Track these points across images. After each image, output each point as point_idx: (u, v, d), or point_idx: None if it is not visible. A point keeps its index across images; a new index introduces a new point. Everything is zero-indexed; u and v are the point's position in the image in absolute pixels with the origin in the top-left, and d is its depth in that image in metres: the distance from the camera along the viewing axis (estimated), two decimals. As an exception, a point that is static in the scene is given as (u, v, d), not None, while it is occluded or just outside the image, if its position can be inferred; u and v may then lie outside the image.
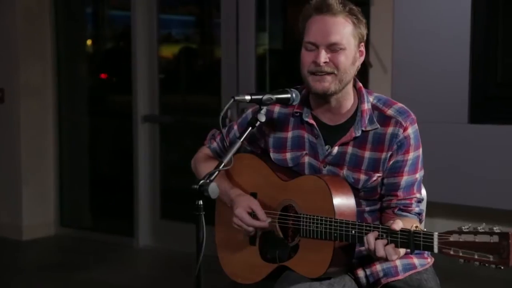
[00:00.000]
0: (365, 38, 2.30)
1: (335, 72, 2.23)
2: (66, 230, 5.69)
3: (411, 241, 2.02)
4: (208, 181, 2.08)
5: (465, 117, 3.86)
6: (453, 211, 3.92)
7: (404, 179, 2.29)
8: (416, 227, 2.03)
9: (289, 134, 2.39)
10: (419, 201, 2.34)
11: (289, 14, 5.15)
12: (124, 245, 5.32)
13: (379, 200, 2.35)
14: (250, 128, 2.25)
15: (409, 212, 2.30)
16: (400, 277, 2.34)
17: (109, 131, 5.80)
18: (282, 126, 2.39)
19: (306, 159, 2.36)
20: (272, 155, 2.43)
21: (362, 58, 2.31)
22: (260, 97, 2.23)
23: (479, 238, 1.91)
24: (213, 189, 2.06)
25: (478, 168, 3.82)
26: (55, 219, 5.73)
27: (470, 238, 1.92)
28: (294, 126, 2.39)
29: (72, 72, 5.70)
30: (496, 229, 1.89)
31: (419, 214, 2.33)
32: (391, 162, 2.28)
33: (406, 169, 2.29)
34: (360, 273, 2.36)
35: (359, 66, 2.33)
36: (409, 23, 3.89)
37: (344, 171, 2.31)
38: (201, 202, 2.10)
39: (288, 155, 2.39)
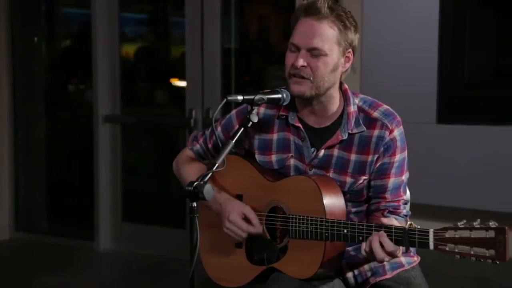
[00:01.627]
0: (354, 43, 2.28)
1: (311, 78, 2.23)
2: (21, 235, 5.56)
3: (406, 238, 2.05)
4: (202, 182, 2.06)
5: (433, 117, 3.93)
6: (421, 211, 3.96)
7: (391, 181, 2.32)
8: (411, 224, 2.06)
9: (275, 136, 2.39)
10: (406, 202, 2.37)
11: (246, 13, 5.15)
12: (84, 249, 5.23)
13: (365, 202, 2.37)
14: (242, 128, 2.24)
15: (397, 214, 2.32)
16: (388, 276, 2.35)
17: (67, 132, 5.69)
18: (267, 128, 2.39)
19: (292, 161, 2.36)
20: (257, 156, 2.42)
21: (349, 65, 2.30)
22: (252, 97, 2.22)
23: (474, 234, 1.94)
24: (208, 190, 2.04)
25: (446, 168, 3.89)
26: (10, 223, 5.59)
27: (465, 234, 1.95)
28: (279, 128, 2.38)
29: (27, 72, 5.57)
30: (492, 224, 1.92)
31: (406, 215, 2.35)
32: (377, 165, 2.30)
33: (393, 171, 2.31)
34: (348, 273, 2.37)
35: (348, 71, 2.32)
36: (378, 24, 3.93)
37: (330, 174, 2.32)
38: (195, 204, 2.06)
39: (274, 157, 2.39)
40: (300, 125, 2.33)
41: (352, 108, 2.32)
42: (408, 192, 2.40)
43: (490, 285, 3.51)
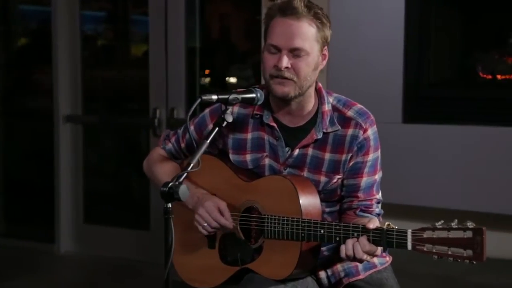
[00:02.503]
0: (329, 40, 2.30)
1: (295, 79, 2.23)
2: (-24, 238, 5.45)
3: (384, 239, 2.06)
4: (177, 183, 2.04)
5: (399, 117, 3.96)
6: (387, 210, 4.01)
7: (364, 180, 2.33)
8: (389, 225, 2.08)
9: (249, 136, 2.38)
10: (379, 202, 2.39)
11: (208, 12, 5.13)
12: (44, 252, 5.14)
13: (338, 202, 2.38)
14: (217, 128, 2.22)
15: (370, 213, 2.33)
16: (361, 276, 2.38)
17: (26, 132, 5.59)
18: (242, 127, 2.38)
19: (267, 161, 2.36)
20: (231, 156, 2.41)
21: (325, 62, 2.32)
22: (226, 96, 2.21)
23: (452, 234, 1.97)
24: (183, 191, 2.03)
25: (411, 167, 3.93)
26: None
27: (443, 234, 1.98)
28: (253, 128, 2.38)
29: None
30: (470, 224, 1.95)
31: (379, 215, 2.37)
32: (351, 164, 2.31)
33: (366, 170, 2.33)
34: (322, 273, 2.38)
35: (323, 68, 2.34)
36: (344, 23, 3.95)
37: (305, 173, 2.33)
38: (169, 205, 2.04)
39: (248, 157, 2.38)
40: (275, 124, 2.34)
41: (327, 107, 2.33)
42: (380, 191, 2.42)
43: (458, 283, 3.56)
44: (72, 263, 5.04)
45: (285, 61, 2.21)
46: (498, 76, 3.98)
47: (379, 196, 2.38)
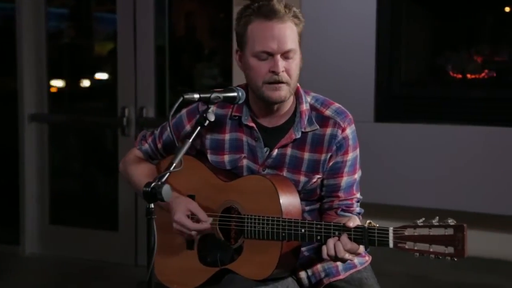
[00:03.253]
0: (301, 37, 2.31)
1: (289, 81, 2.25)
2: None
3: (366, 238, 2.08)
4: (159, 183, 2.04)
5: (371, 116, 4.00)
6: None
7: (344, 180, 2.35)
8: (370, 223, 2.10)
9: (227, 136, 2.39)
10: (358, 200, 2.41)
11: (174, 10, 5.12)
12: (8, 254, 5.07)
13: (317, 201, 2.40)
14: (199, 127, 2.22)
15: (351, 212, 2.35)
16: (342, 276, 2.39)
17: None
18: (219, 128, 2.38)
19: (245, 162, 2.37)
20: (209, 156, 2.41)
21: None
22: (208, 95, 2.21)
23: (433, 231, 1.99)
24: (166, 191, 2.03)
25: (383, 166, 3.97)
26: None
27: (424, 231, 2.00)
28: (231, 129, 2.38)
29: None
30: (451, 221, 1.98)
31: (359, 213, 2.40)
32: (331, 163, 2.33)
33: (346, 169, 2.35)
34: (302, 274, 2.39)
35: None
36: (316, 24, 3.97)
37: (284, 173, 2.34)
38: (152, 205, 2.04)
39: (226, 158, 2.39)
40: (254, 125, 2.34)
41: (305, 107, 2.34)
42: (359, 190, 2.44)
43: (430, 282, 3.61)
44: (38, 265, 4.97)
45: (282, 64, 2.22)
46: (468, 75, 4.05)
47: (359, 195, 2.41)
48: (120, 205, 4.80)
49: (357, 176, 2.39)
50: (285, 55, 2.23)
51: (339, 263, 2.38)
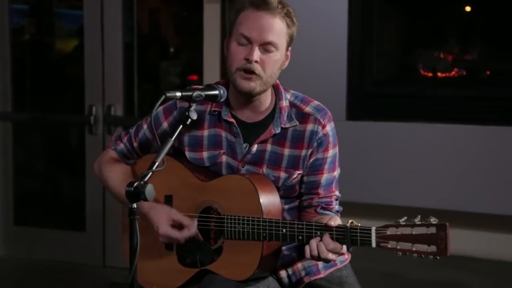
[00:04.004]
0: (293, 41, 2.33)
1: (262, 74, 2.25)
2: None
3: (348, 237, 2.10)
4: (142, 182, 2.02)
5: (343, 114, 4.03)
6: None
7: (324, 177, 2.37)
8: (352, 222, 2.12)
9: (205, 133, 2.38)
10: (337, 198, 2.43)
11: (138, 7, 5.08)
12: (-29, 256, 5.01)
13: (297, 198, 2.41)
14: (181, 126, 2.21)
15: (330, 210, 2.37)
16: (322, 275, 2.41)
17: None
18: (198, 124, 2.37)
19: (224, 158, 2.37)
20: (187, 154, 2.40)
21: (287, 63, 2.36)
22: (190, 93, 2.21)
23: (416, 230, 2.02)
24: (150, 191, 2.01)
25: (355, 164, 4.00)
26: None
27: (407, 230, 2.03)
28: (210, 125, 2.38)
29: None
30: (433, 220, 2.01)
31: (338, 211, 2.42)
32: (311, 160, 2.35)
33: (326, 166, 2.37)
34: (282, 273, 2.40)
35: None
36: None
37: (264, 170, 2.34)
38: (135, 205, 2.02)
39: (205, 154, 2.38)
40: (233, 120, 2.34)
41: (284, 103, 2.36)
42: (338, 188, 2.46)
43: (402, 279, 3.65)
44: (2, 267, 4.90)
45: (257, 55, 2.22)
46: (439, 74, 4.11)
47: (338, 192, 2.43)
48: (88, 205, 4.76)
49: (336, 173, 2.42)
50: (265, 47, 2.24)
51: (319, 262, 2.39)
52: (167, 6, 5.17)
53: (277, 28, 2.25)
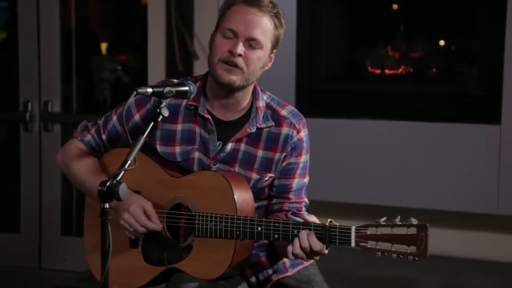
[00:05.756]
0: (279, 43, 2.34)
1: (244, 69, 2.25)
2: None
3: (326, 237, 2.11)
4: (115, 182, 1.97)
5: (291, 111, 4.03)
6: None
7: (296, 182, 2.39)
8: (331, 221, 2.13)
9: (179, 127, 2.36)
10: (306, 205, 2.45)
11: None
12: None
13: (265, 199, 2.42)
14: (152, 123, 2.17)
15: (299, 216, 2.37)
16: (290, 273, 2.42)
17: None
18: (171, 118, 2.34)
19: (196, 154, 2.35)
20: (159, 147, 2.37)
21: (270, 64, 2.37)
22: (161, 89, 2.17)
23: (396, 231, 2.05)
24: (123, 190, 1.97)
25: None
26: None
27: (387, 230, 2.06)
28: (185, 119, 2.36)
29: None
30: (414, 221, 2.04)
31: None
32: (284, 164, 2.36)
33: (298, 172, 2.39)
34: (250, 272, 2.41)
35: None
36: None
37: (236, 169, 2.34)
38: (107, 205, 1.97)
39: (177, 149, 2.36)
40: (209, 117, 2.33)
41: (261, 103, 2.37)
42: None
43: (347, 275, 3.68)
44: None
45: (240, 48, 2.23)
46: (387, 71, 4.18)
47: (307, 200, 2.45)
48: (22, 206, 4.63)
49: (306, 180, 2.44)
50: (249, 43, 2.25)
51: (286, 260, 2.41)
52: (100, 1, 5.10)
53: (264, 26, 2.26)
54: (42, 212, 4.59)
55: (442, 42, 4.19)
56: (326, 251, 2.15)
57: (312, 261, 2.47)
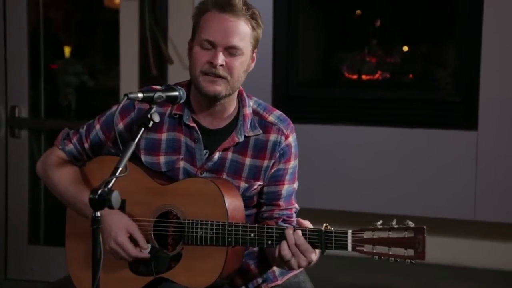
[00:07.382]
0: (258, 43, 2.31)
1: (228, 78, 2.22)
2: None
3: (322, 241, 2.10)
4: (107, 189, 1.93)
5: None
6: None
7: (285, 188, 2.38)
8: (326, 226, 2.12)
9: (164, 136, 2.33)
10: (296, 211, 2.44)
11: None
12: None
13: (254, 207, 2.40)
14: (143, 129, 2.12)
15: (290, 223, 2.36)
16: (279, 281, 2.41)
17: None
18: (156, 127, 2.29)
19: (182, 164, 2.32)
20: (143, 157, 2.34)
21: (253, 65, 2.34)
22: (151, 94, 2.13)
23: (393, 234, 2.05)
24: (116, 198, 1.92)
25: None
26: None
27: (384, 234, 2.06)
28: (169, 128, 2.33)
29: None
30: (410, 224, 2.05)
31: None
32: (272, 171, 2.35)
33: (287, 178, 2.38)
34: (239, 281, 2.38)
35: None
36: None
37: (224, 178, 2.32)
38: (98, 213, 1.93)
39: (162, 159, 2.33)
40: (195, 125, 2.30)
41: (248, 110, 2.35)
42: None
43: (324, 282, 3.68)
44: None
45: (221, 58, 2.20)
46: (363, 77, 4.20)
47: (297, 205, 2.44)
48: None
49: (295, 186, 2.43)
50: (229, 51, 2.22)
51: (275, 268, 2.39)
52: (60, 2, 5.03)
53: (241, 32, 2.22)
54: (8, 220, 4.50)
55: (419, 48, 4.23)
56: (315, 258, 2.14)
57: (301, 269, 2.48)
